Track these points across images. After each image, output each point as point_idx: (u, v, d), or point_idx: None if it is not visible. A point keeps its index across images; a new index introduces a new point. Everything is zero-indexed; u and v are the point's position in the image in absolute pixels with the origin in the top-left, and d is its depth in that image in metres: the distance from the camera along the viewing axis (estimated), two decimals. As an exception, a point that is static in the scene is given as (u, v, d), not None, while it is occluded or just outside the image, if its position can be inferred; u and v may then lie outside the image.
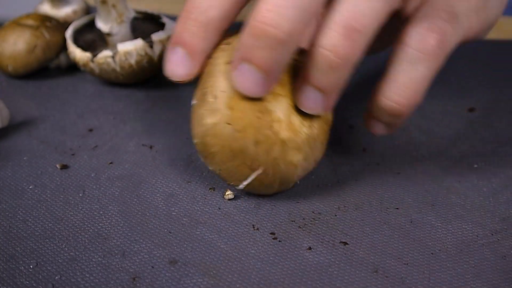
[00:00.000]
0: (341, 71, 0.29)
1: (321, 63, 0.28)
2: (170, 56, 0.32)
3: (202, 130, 0.32)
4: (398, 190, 0.36)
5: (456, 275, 0.30)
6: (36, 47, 0.48)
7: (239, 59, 0.29)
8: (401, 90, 0.31)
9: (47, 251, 0.31)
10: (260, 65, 0.28)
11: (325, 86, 0.29)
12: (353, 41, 0.28)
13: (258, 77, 0.29)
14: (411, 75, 0.30)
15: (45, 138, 0.41)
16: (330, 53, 0.28)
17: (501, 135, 0.42)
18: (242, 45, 0.29)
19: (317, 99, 0.30)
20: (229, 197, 0.35)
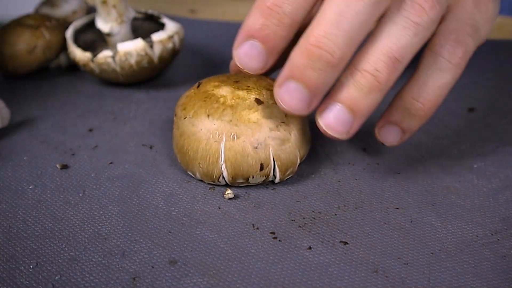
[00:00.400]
0: (378, 95, 0.31)
1: (363, 84, 0.31)
2: (246, 48, 0.32)
3: (175, 142, 0.36)
4: (398, 190, 0.36)
5: (456, 275, 0.30)
6: (36, 47, 0.48)
7: (286, 76, 0.31)
8: (429, 93, 0.33)
9: (47, 251, 0.31)
10: (309, 84, 0.30)
11: (360, 107, 0.31)
12: (394, 69, 0.31)
13: (304, 95, 0.31)
14: (439, 81, 0.33)
15: (45, 138, 0.42)
16: (372, 77, 0.31)
17: (501, 135, 0.42)
18: (292, 64, 0.31)
19: (347, 119, 0.32)
20: (229, 196, 0.35)
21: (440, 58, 0.33)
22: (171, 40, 0.47)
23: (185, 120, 0.35)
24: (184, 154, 0.35)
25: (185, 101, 0.36)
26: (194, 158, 0.35)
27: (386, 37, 0.31)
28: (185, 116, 0.35)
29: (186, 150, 0.35)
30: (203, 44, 0.56)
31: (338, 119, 0.32)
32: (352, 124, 0.32)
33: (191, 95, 0.36)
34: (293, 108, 0.32)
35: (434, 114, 0.44)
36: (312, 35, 0.30)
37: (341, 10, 0.29)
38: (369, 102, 0.31)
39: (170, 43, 0.47)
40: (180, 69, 0.52)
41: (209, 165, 0.35)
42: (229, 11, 0.65)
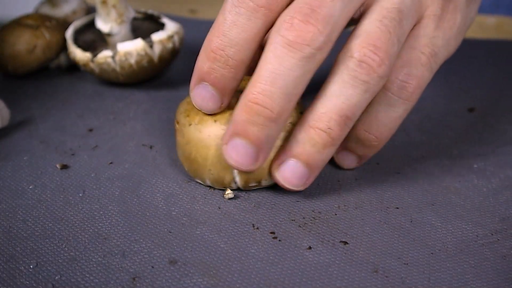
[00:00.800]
0: (332, 149, 0.33)
1: (317, 141, 0.32)
2: (199, 91, 0.33)
3: (181, 150, 0.36)
4: (398, 190, 0.36)
5: (456, 275, 0.30)
6: (36, 47, 0.48)
7: (231, 133, 0.32)
8: (380, 126, 0.34)
9: (47, 251, 0.31)
10: (253, 139, 0.31)
11: (315, 161, 0.33)
12: (345, 125, 0.32)
13: (250, 150, 0.32)
14: (390, 115, 0.34)
15: (45, 138, 0.42)
16: (326, 135, 0.32)
17: (501, 135, 0.42)
18: (235, 121, 0.31)
19: (303, 173, 0.33)
20: (229, 196, 0.35)
21: (389, 94, 0.33)
22: (171, 40, 0.47)
23: (191, 127, 0.34)
24: (192, 162, 0.35)
25: (188, 107, 0.35)
26: (203, 165, 0.34)
27: (336, 96, 0.31)
28: (190, 123, 0.34)
29: (194, 158, 0.34)
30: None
31: (294, 173, 0.33)
32: (308, 177, 0.33)
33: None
34: (240, 163, 0.32)
35: (434, 114, 0.44)
36: (250, 93, 0.31)
37: (274, 68, 0.30)
38: (323, 157, 0.33)
39: (170, 43, 0.47)
40: (180, 69, 0.52)
41: (220, 171, 0.34)
42: (229, 11, 0.65)
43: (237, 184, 0.35)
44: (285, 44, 0.30)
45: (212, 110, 0.34)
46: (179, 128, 0.35)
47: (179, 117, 0.35)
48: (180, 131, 0.35)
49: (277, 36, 0.30)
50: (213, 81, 0.32)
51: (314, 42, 0.30)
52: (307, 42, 0.30)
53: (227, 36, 0.31)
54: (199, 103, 0.34)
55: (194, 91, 0.33)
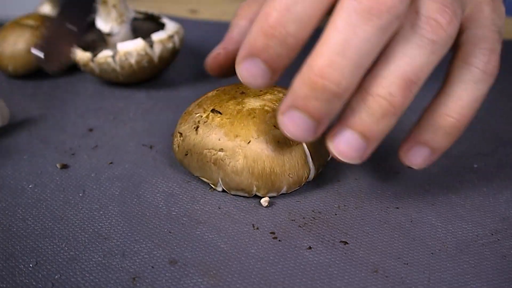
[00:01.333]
0: (392, 119, 0.29)
1: (376, 110, 0.29)
2: (249, 67, 0.29)
3: (249, 170, 0.34)
4: (398, 190, 0.36)
5: (456, 275, 0.30)
6: (36, 47, 0.48)
7: (289, 105, 0.29)
8: (464, 107, 0.31)
9: (47, 250, 0.31)
10: (313, 114, 0.28)
11: (373, 133, 0.29)
12: (409, 92, 0.29)
13: (309, 124, 0.29)
14: (475, 94, 0.31)
15: (45, 138, 0.42)
16: (386, 102, 0.28)
17: (501, 135, 0.42)
18: (295, 93, 0.28)
19: (360, 146, 0.30)
20: (265, 204, 0.34)
21: (474, 69, 0.31)
22: (171, 40, 0.47)
23: (251, 144, 0.33)
24: (268, 176, 0.34)
25: (229, 129, 0.33)
26: (282, 172, 0.34)
27: (400, 57, 0.28)
28: (248, 141, 0.33)
29: (271, 170, 0.34)
30: (203, 44, 0.56)
31: (350, 146, 0.30)
32: (365, 149, 0.30)
33: (229, 123, 0.34)
34: (298, 136, 0.30)
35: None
36: (315, 65, 0.27)
37: (346, 37, 0.27)
38: (382, 127, 0.29)
39: (170, 43, 0.47)
40: (180, 69, 0.52)
41: (299, 171, 0.34)
42: (229, 11, 0.65)
43: (311, 175, 0.35)
44: (361, 10, 0.26)
45: (260, 86, 0.30)
46: (231, 154, 0.33)
47: (225, 144, 0.34)
48: (234, 154, 0.33)
49: (348, 2, 0.27)
50: (266, 58, 0.29)
51: (393, 9, 0.27)
52: (386, 8, 0.26)
53: (291, 11, 0.28)
54: (247, 79, 0.30)
55: (243, 65, 0.30)
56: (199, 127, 0.34)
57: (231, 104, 0.35)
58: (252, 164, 0.33)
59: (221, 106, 0.35)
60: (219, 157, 0.34)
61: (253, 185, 0.34)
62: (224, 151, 0.33)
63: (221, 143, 0.34)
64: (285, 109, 0.29)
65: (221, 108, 0.35)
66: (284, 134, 0.30)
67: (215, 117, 0.34)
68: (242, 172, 0.33)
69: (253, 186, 0.34)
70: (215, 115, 0.34)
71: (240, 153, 0.33)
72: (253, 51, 0.29)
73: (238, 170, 0.33)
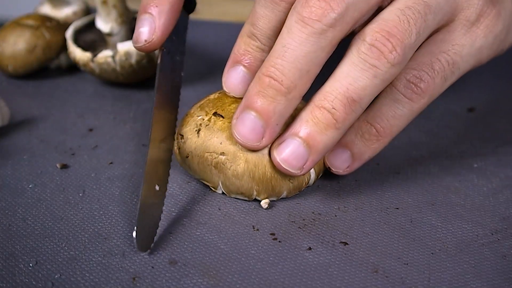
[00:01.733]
0: (335, 133, 0.32)
1: (320, 120, 0.31)
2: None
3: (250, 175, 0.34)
4: (398, 190, 0.36)
5: (456, 275, 0.30)
6: (36, 47, 0.48)
7: (242, 107, 0.32)
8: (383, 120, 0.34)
9: (47, 249, 0.31)
10: (261, 111, 0.31)
11: (316, 142, 0.32)
12: (351, 109, 0.31)
13: (258, 124, 0.32)
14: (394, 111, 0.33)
15: (45, 138, 0.41)
16: (330, 115, 0.31)
17: (501, 135, 0.42)
18: (247, 95, 0.32)
19: (302, 154, 0.32)
20: (265, 206, 0.34)
21: (394, 89, 0.33)
22: (171, 40, 0.47)
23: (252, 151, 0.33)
24: (268, 181, 0.34)
25: (230, 133, 0.33)
26: (283, 178, 0.34)
27: (345, 77, 0.31)
28: None
29: (271, 176, 0.34)
30: (203, 44, 0.56)
31: (293, 153, 0.32)
32: (307, 159, 0.32)
33: (231, 126, 0.34)
34: (246, 138, 0.32)
35: (434, 114, 0.44)
36: (263, 66, 0.32)
37: (286, 42, 0.31)
38: (325, 139, 0.32)
39: (170, 43, 0.46)
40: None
41: (299, 176, 0.34)
42: (229, 11, 0.65)
43: (311, 180, 0.35)
44: (298, 20, 0.30)
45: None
46: (232, 158, 0.33)
47: (227, 148, 0.34)
48: (235, 158, 0.33)
49: (293, 13, 0.31)
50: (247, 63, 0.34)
51: (325, 19, 0.30)
52: (317, 17, 0.30)
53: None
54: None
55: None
56: (200, 130, 0.34)
57: (233, 108, 0.35)
58: (253, 169, 0.33)
59: (223, 110, 0.35)
60: (220, 161, 0.34)
61: (254, 189, 0.34)
62: (226, 155, 0.33)
63: (222, 146, 0.34)
64: (238, 113, 0.32)
65: (223, 111, 0.35)
66: (235, 139, 0.32)
67: (217, 120, 0.34)
68: (242, 176, 0.33)
69: (253, 191, 0.34)
70: (217, 118, 0.34)
71: (241, 157, 0.33)
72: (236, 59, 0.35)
73: (239, 174, 0.33)
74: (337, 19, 0.30)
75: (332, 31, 0.30)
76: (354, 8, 0.31)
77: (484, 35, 0.34)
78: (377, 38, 0.31)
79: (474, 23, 0.34)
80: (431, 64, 0.33)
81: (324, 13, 0.30)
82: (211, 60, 0.53)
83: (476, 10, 0.34)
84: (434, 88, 0.33)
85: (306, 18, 0.30)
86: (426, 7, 0.32)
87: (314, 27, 0.30)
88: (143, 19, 0.35)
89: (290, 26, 0.31)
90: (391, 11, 0.31)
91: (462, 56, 0.34)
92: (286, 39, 0.31)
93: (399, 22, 0.31)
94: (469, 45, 0.34)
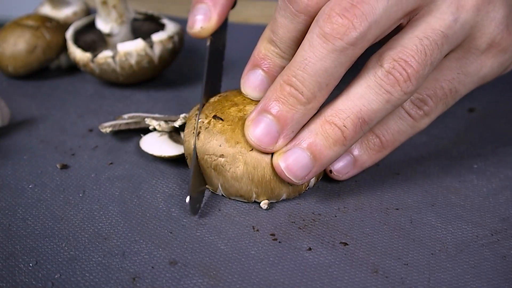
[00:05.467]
0: (341, 149, 0.33)
1: (330, 135, 0.32)
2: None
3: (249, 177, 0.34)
4: (398, 191, 0.36)
5: (456, 275, 0.30)
6: (37, 47, 0.48)
7: (259, 110, 0.33)
8: (388, 132, 0.35)
9: (47, 249, 0.31)
10: (278, 116, 0.32)
11: (322, 156, 0.32)
12: (360, 129, 0.32)
13: (273, 129, 0.32)
14: (398, 126, 0.35)
15: (45, 138, 0.42)
16: (340, 132, 0.32)
17: (501, 135, 0.42)
18: (265, 99, 0.33)
19: (307, 165, 0.33)
20: (265, 207, 0.34)
21: (401, 108, 0.35)
22: (171, 40, 0.47)
23: (253, 151, 0.33)
24: (267, 183, 0.34)
25: (230, 135, 0.34)
26: (283, 181, 0.34)
27: (358, 98, 0.32)
28: (251, 148, 0.33)
29: (270, 178, 0.34)
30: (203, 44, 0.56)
31: (298, 162, 0.32)
32: (310, 170, 0.33)
33: (230, 129, 0.34)
34: (260, 140, 0.32)
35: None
36: (285, 74, 0.32)
37: (307, 55, 0.31)
38: (331, 153, 0.32)
39: (170, 43, 0.47)
40: (180, 69, 0.52)
41: None
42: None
43: (311, 183, 0.35)
44: (320, 34, 0.31)
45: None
46: (231, 160, 0.33)
47: (227, 150, 0.33)
48: (234, 161, 0.33)
49: (315, 27, 0.31)
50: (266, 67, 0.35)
51: (346, 37, 0.30)
52: (339, 35, 0.30)
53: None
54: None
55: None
56: (200, 133, 0.34)
57: (232, 111, 0.35)
58: (252, 171, 0.33)
59: (222, 113, 0.35)
60: (220, 163, 0.34)
61: (253, 191, 0.34)
62: (225, 157, 0.33)
63: (222, 149, 0.34)
64: (254, 116, 0.33)
65: (223, 114, 0.35)
66: (248, 141, 0.33)
67: (217, 123, 0.34)
68: (242, 178, 0.33)
69: (252, 193, 0.34)
70: (216, 121, 0.34)
71: (240, 160, 0.33)
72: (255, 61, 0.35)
73: (238, 176, 0.33)
74: (359, 38, 0.30)
75: (353, 49, 0.31)
76: (376, 26, 0.31)
77: (490, 65, 0.35)
78: (395, 66, 0.31)
79: (483, 52, 0.35)
80: (435, 91, 0.35)
81: (346, 32, 0.30)
82: (211, 61, 0.53)
83: (487, 39, 0.34)
84: (435, 111, 0.35)
85: (328, 34, 0.30)
86: (444, 37, 0.32)
87: (336, 45, 0.30)
88: (199, 8, 0.37)
89: (311, 39, 0.31)
90: (411, 39, 0.32)
91: (465, 84, 0.35)
92: (307, 52, 0.31)
93: (416, 51, 0.31)
94: (474, 74, 0.35)
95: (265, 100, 0.33)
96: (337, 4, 0.31)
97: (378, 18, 0.30)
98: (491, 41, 0.34)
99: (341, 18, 0.30)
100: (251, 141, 0.33)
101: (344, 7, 0.30)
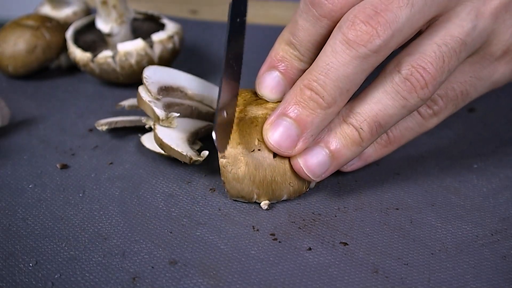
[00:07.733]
0: (357, 150, 0.33)
1: (348, 136, 0.33)
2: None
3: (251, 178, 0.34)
4: (398, 191, 0.36)
5: (456, 275, 0.30)
6: (37, 47, 0.48)
7: (279, 114, 0.33)
8: (396, 129, 0.35)
9: (47, 249, 0.31)
10: (298, 120, 0.32)
11: (340, 154, 0.33)
12: (376, 132, 0.33)
13: (293, 132, 0.32)
14: (407, 124, 0.36)
15: (45, 138, 0.42)
16: (357, 133, 0.33)
17: (501, 135, 0.42)
18: (285, 102, 0.33)
19: (325, 163, 0.33)
20: (265, 207, 0.34)
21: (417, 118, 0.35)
22: (171, 40, 0.47)
23: (255, 153, 0.33)
24: (269, 184, 0.34)
25: (231, 136, 0.34)
26: (283, 181, 0.34)
27: (375, 102, 0.32)
28: (252, 149, 0.33)
29: (272, 179, 0.34)
30: (203, 44, 0.56)
31: (318, 160, 0.33)
32: (327, 168, 0.33)
33: (234, 129, 0.34)
34: (279, 143, 0.33)
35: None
36: (305, 79, 0.32)
37: (329, 61, 0.31)
38: (348, 153, 0.33)
39: (170, 43, 0.47)
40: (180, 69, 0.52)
41: (300, 180, 0.34)
42: (229, 11, 0.65)
43: (312, 184, 0.35)
44: (343, 41, 0.31)
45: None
46: (232, 161, 0.33)
47: (227, 151, 0.33)
48: (236, 162, 0.33)
49: (338, 33, 0.31)
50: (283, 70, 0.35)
51: (370, 44, 0.30)
52: (363, 42, 0.30)
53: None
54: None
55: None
56: None
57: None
58: (253, 172, 0.33)
59: None
60: (221, 164, 0.34)
61: (254, 192, 0.34)
62: (226, 158, 0.33)
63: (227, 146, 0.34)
64: (273, 119, 0.33)
65: None
66: (267, 144, 0.33)
67: None
68: (243, 179, 0.33)
69: (253, 194, 0.34)
70: None
71: (242, 161, 0.33)
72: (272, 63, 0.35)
73: (240, 177, 0.33)
74: (382, 45, 0.31)
75: (375, 56, 0.31)
76: (399, 34, 0.31)
77: (503, 71, 0.35)
78: (412, 73, 0.32)
79: (497, 59, 0.35)
80: (447, 91, 0.35)
81: (370, 39, 0.30)
82: (211, 60, 0.53)
83: (503, 46, 0.34)
84: (444, 112, 0.35)
85: (352, 41, 0.31)
86: (462, 45, 0.32)
87: (359, 51, 0.31)
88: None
89: (334, 45, 0.31)
90: (429, 45, 0.32)
91: (477, 88, 0.35)
92: (330, 57, 0.31)
93: (435, 58, 0.32)
94: (486, 79, 0.35)
95: (285, 103, 0.33)
96: (361, 11, 0.31)
97: (401, 26, 0.31)
98: (506, 48, 0.34)
99: (365, 26, 0.30)
100: (270, 144, 0.33)
101: (368, 15, 0.30)
